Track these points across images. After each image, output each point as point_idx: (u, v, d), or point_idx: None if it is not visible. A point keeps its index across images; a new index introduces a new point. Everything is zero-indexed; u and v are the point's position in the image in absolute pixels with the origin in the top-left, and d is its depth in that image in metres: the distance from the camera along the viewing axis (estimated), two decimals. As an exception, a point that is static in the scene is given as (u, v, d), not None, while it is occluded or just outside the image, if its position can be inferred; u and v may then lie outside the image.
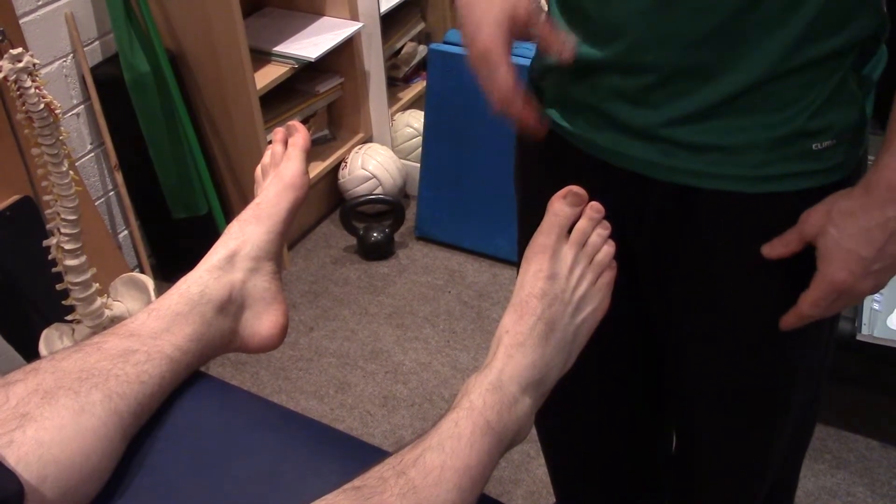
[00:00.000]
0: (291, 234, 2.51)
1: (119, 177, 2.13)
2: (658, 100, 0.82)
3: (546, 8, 0.85)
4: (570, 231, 0.82)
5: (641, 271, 0.97)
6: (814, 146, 0.80)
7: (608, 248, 0.83)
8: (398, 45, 2.79)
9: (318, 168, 2.50)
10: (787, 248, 0.83)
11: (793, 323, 0.86)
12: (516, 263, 0.91)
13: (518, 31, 0.79)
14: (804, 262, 0.83)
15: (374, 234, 2.43)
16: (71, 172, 1.61)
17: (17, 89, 1.50)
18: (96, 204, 2.19)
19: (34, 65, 1.50)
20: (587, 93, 0.88)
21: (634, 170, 0.87)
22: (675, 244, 0.90)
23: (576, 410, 1.18)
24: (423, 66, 2.86)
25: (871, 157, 0.80)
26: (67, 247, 1.65)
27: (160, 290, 1.83)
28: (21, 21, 1.85)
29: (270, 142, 0.99)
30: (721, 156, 0.82)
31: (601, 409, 1.20)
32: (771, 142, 0.80)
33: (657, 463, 1.29)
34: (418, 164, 2.49)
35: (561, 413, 1.12)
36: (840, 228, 0.78)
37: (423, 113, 2.44)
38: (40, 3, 1.91)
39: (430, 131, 2.39)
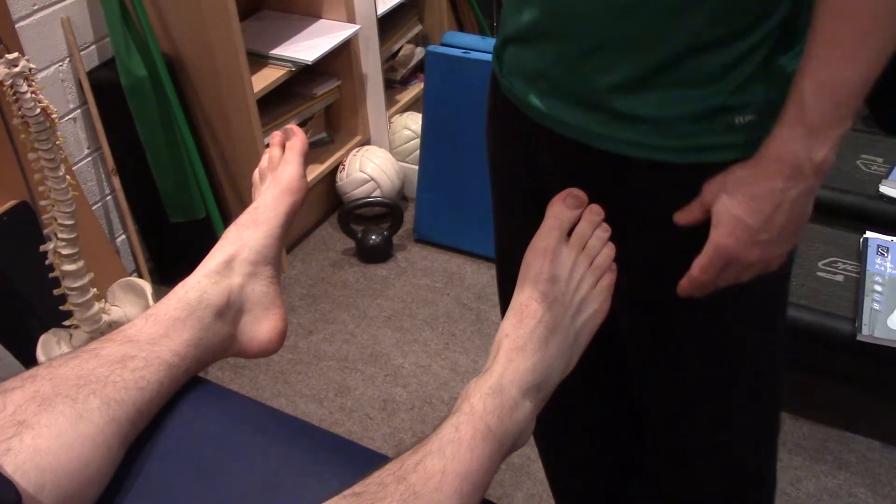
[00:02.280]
0: (289, 238, 2.51)
1: (116, 181, 2.12)
2: (593, 67, 0.84)
3: None
4: (570, 234, 0.82)
5: None
6: (736, 120, 0.83)
7: (608, 251, 0.83)
8: (395, 48, 2.79)
9: (315, 171, 2.50)
10: (691, 216, 0.85)
11: (687, 288, 0.87)
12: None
13: None
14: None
15: (373, 237, 2.42)
16: (68, 177, 1.60)
17: (14, 94, 1.50)
18: (93, 208, 2.18)
19: (30, 69, 1.50)
20: (535, 62, 0.91)
21: (576, 138, 0.90)
22: (615, 213, 0.91)
23: (569, 407, 1.18)
24: (420, 68, 2.85)
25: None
26: (64, 251, 1.64)
27: (158, 295, 1.83)
28: (17, 25, 1.85)
29: (268, 145, 0.98)
30: (651, 126, 0.84)
31: (595, 403, 1.20)
32: (696, 115, 0.83)
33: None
34: (416, 167, 2.49)
35: (555, 409, 1.13)
36: (731, 195, 0.81)
37: (420, 115, 2.44)
38: (36, 7, 1.91)
39: (428, 133, 2.39)
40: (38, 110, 1.51)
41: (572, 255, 0.80)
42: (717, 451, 1.09)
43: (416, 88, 2.85)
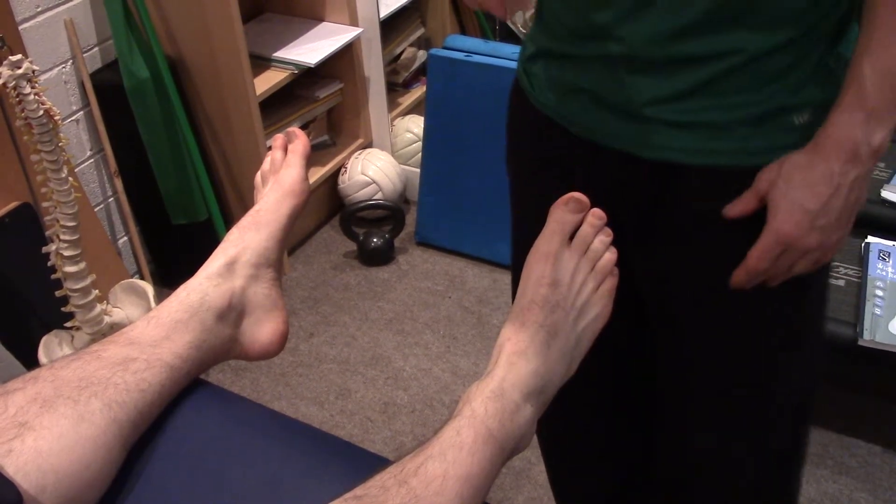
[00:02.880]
0: (291, 240, 2.51)
1: (118, 183, 2.12)
2: (642, 82, 0.84)
3: None
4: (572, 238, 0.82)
5: (631, 253, 0.97)
6: (795, 120, 0.83)
7: (610, 255, 0.83)
8: (398, 51, 2.79)
9: (317, 174, 2.50)
10: (744, 206, 0.85)
11: (742, 278, 0.87)
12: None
13: None
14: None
15: (374, 240, 2.42)
16: (70, 179, 1.60)
17: (17, 95, 1.50)
18: (96, 210, 2.18)
19: (33, 71, 1.50)
20: (576, 76, 0.90)
21: (623, 148, 0.89)
22: (665, 220, 0.92)
23: (571, 410, 1.18)
24: (422, 71, 2.86)
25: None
26: (67, 253, 1.65)
27: (160, 297, 1.83)
28: (20, 27, 1.85)
29: (270, 148, 0.98)
30: (706, 132, 0.84)
31: (597, 407, 1.20)
32: (755, 117, 0.83)
33: (650, 461, 1.29)
34: (418, 170, 2.49)
35: (557, 412, 1.12)
36: (788, 181, 0.81)
37: (422, 118, 2.44)
38: (40, 9, 1.91)
39: (430, 136, 2.39)
40: (41, 112, 1.52)
41: (574, 260, 0.80)
42: (746, 456, 1.08)
43: (418, 91, 2.85)
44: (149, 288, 1.89)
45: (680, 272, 0.95)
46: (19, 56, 1.49)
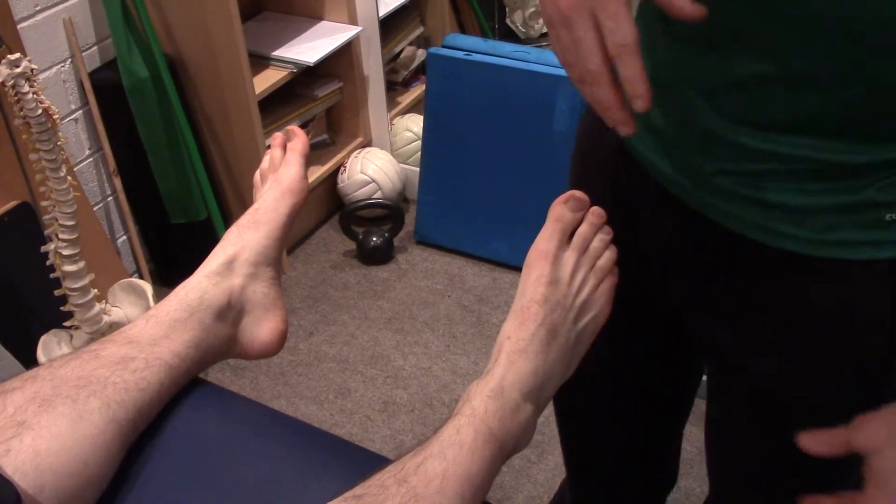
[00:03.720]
0: (290, 239, 2.51)
1: (117, 182, 2.12)
2: (716, 151, 0.76)
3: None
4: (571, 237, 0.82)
5: (682, 303, 0.91)
6: (887, 216, 0.72)
7: (610, 254, 0.83)
8: (397, 50, 2.79)
9: (317, 172, 2.50)
10: (828, 449, 0.71)
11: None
12: (516, 268, 0.90)
13: None
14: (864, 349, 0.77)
15: (374, 239, 2.42)
16: (69, 178, 1.60)
17: (15, 94, 1.50)
18: (95, 209, 2.18)
19: (32, 70, 1.50)
20: (653, 121, 0.82)
21: (698, 209, 0.80)
22: (731, 288, 0.84)
23: (593, 407, 1.15)
24: (422, 70, 2.86)
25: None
26: (65, 252, 1.64)
27: (159, 296, 1.83)
28: (19, 26, 1.85)
29: (269, 147, 0.98)
30: (787, 214, 0.75)
31: (618, 407, 1.18)
32: (840, 207, 0.73)
33: (669, 461, 1.28)
34: (417, 169, 2.49)
35: (579, 408, 1.11)
36: None
37: (422, 117, 2.44)
38: (38, 8, 1.91)
39: (430, 135, 2.39)
40: (40, 111, 1.51)
41: (574, 258, 0.80)
42: None
43: (417, 90, 2.85)
44: (148, 287, 1.89)
45: (750, 354, 0.87)
46: (18, 55, 1.49)
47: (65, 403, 0.68)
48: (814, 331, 0.79)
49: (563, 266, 0.79)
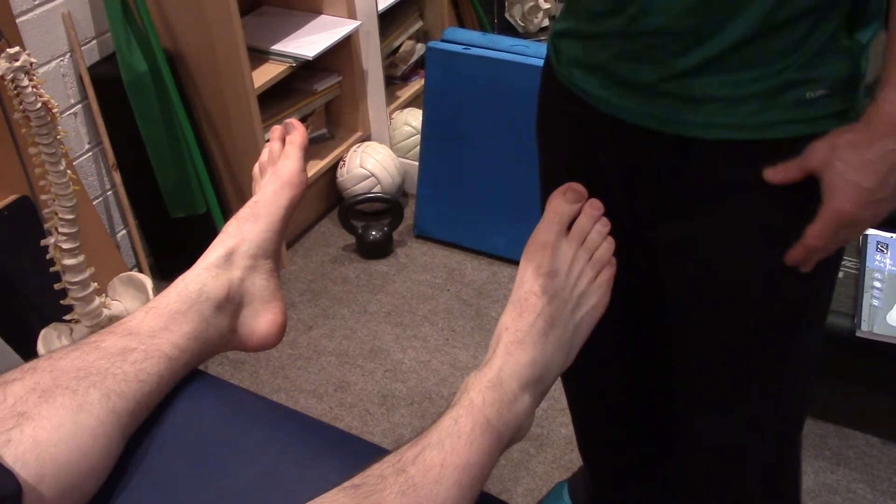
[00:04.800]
0: (290, 233, 2.51)
1: (117, 176, 2.12)
2: (657, 58, 0.86)
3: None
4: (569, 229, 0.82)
5: (652, 228, 0.99)
6: (807, 95, 0.84)
7: (607, 245, 0.83)
8: (396, 44, 2.79)
9: (316, 167, 2.50)
10: (787, 175, 0.86)
11: (799, 255, 0.88)
12: (515, 262, 0.91)
13: None
14: (798, 201, 0.87)
15: (373, 233, 2.42)
16: (69, 172, 1.60)
17: (15, 88, 1.50)
18: (94, 203, 2.18)
19: (31, 64, 1.50)
20: (596, 54, 0.92)
21: (642, 124, 0.91)
22: (686, 193, 0.93)
23: (597, 371, 1.21)
24: (421, 64, 2.85)
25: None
26: (65, 246, 1.64)
27: (158, 290, 1.83)
28: (18, 20, 1.85)
29: (268, 140, 0.98)
30: (719, 106, 0.86)
31: (616, 352, 1.22)
32: (765, 91, 0.84)
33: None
34: (417, 163, 2.49)
35: (584, 372, 1.14)
36: (844, 161, 0.81)
37: (421, 111, 2.44)
38: (37, 2, 1.90)
39: (429, 129, 2.39)
40: (39, 105, 1.51)
41: (572, 249, 0.81)
42: (742, 449, 1.09)
43: (416, 84, 2.85)
44: (147, 281, 1.89)
45: (702, 241, 0.96)
46: (17, 48, 1.49)
47: (65, 394, 0.68)
48: (757, 208, 0.90)
49: (562, 257, 0.80)
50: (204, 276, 0.82)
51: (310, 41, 2.32)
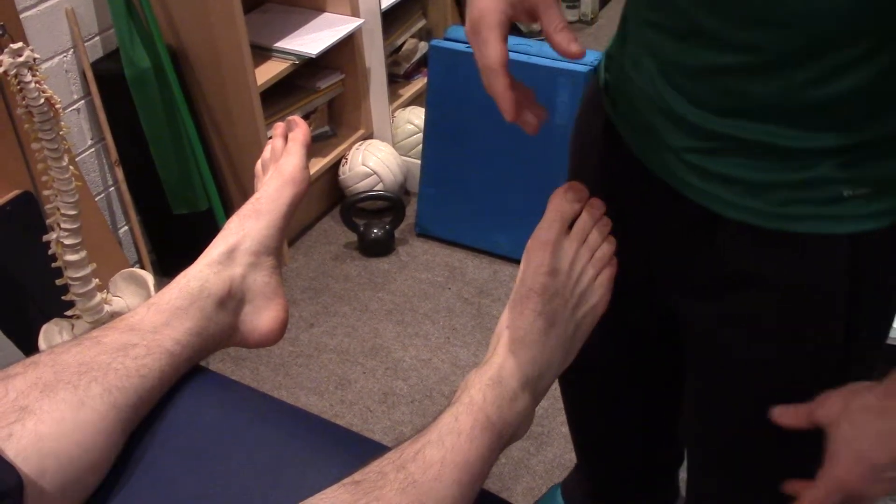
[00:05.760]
0: (291, 231, 2.51)
1: (119, 172, 2.12)
2: (683, 133, 0.79)
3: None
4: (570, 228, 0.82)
5: (661, 276, 0.94)
6: (845, 192, 0.74)
7: (608, 245, 0.83)
8: (399, 42, 2.79)
9: (318, 164, 2.50)
10: (792, 419, 0.77)
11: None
12: (517, 260, 0.91)
13: (522, 10, 0.73)
14: (820, 310, 0.79)
15: (375, 231, 2.43)
16: (71, 167, 1.61)
17: (18, 84, 1.50)
18: (96, 199, 2.19)
19: (34, 59, 1.50)
20: (634, 103, 0.85)
21: (670, 183, 0.83)
22: (702, 272, 0.87)
23: (594, 386, 1.18)
24: (424, 62, 2.85)
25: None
26: (67, 242, 1.65)
27: (160, 286, 1.83)
28: (21, 16, 1.85)
29: (271, 137, 0.98)
30: (744, 188, 0.77)
31: (618, 385, 1.18)
32: (791, 183, 0.75)
33: (673, 449, 1.29)
34: (419, 161, 2.49)
35: (584, 389, 1.13)
36: (855, 426, 0.71)
37: (423, 109, 2.44)
38: (41, -3, 1.91)
39: (431, 128, 2.39)
40: (42, 100, 1.52)
41: (573, 248, 0.81)
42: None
43: (419, 83, 2.85)
44: (149, 277, 1.89)
45: (716, 329, 0.89)
46: (20, 44, 1.49)
47: (66, 389, 0.68)
48: (773, 305, 0.82)
49: (563, 256, 0.80)
50: (206, 273, 0.82)
51: (313, 39, 2.32)
